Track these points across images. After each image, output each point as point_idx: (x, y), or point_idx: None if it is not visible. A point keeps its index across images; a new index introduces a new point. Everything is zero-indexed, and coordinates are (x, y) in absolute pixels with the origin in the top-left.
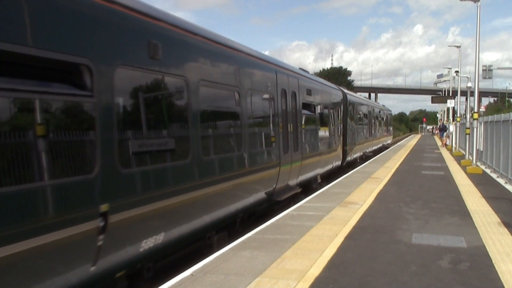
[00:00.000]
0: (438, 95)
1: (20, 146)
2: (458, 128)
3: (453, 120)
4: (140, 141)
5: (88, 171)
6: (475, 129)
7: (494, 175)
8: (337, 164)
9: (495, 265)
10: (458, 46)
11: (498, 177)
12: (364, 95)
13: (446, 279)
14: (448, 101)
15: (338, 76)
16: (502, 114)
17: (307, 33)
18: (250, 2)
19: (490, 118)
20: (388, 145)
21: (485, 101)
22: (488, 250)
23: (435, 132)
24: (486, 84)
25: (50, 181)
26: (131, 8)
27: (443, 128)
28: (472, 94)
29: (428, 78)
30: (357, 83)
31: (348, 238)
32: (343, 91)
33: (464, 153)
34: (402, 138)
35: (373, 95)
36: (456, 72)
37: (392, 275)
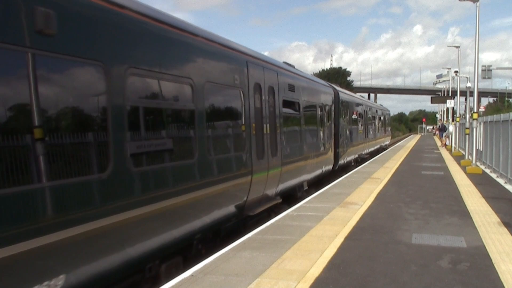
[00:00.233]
0: (438, 96)
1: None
2: (457, 128)
3: (453, 120)
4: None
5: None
6: (474, 129)
7: (493, 175)
8: (328, 169)
9: (495, 265)
10: (458, 47)
11: (497, 177)
12: (364, 95)
13: (446, 279)
14: (447, 101)
15: (338, 76)
16: (502, 114)
17: (307, 33)
18: (249, 2)
19: (489, 118)
20: (386, 146)
21: (485, 101)
22: (488, 250)
23: (436, 133)
24: (486, 84)
25: None
26: None
27: (443, 128)
28: (471, 94)
29: (427, 78)
30: (356, 83)
31: (348, 238)
32: (334, 89)
33: (464, 153)
34: (401, 138)
35: (372, 95)
36: (456, 72)
37: (392, 275)
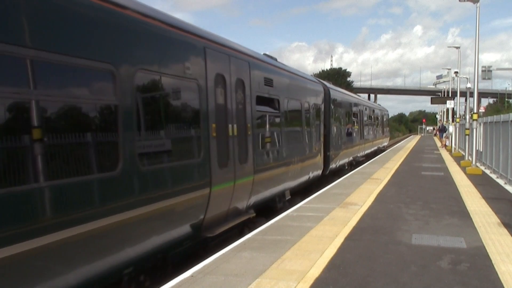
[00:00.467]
0: (438, 96)
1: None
2: (457, 129)
3: (453, 121)
4: None
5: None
6: (474, 129)
7: (493, 176)
8: (316, 174)
9: (495, 266)
10: (458, 47)
11: (497, 177)
12: (364, 96)
13: (446, 280)
14: (447, 102)
15: (338, 77)
16: (502, 115)
17: (307, 34)
18: (249, 3)
19: (489, 118)
20: (385, 148)
21: (485, 102)
22: (488, 251)
23: (436, 133)
24: (486, 85)
25: None
26: None
27: (443, 129)
28: (471, 94)
29: (427, 79)
30: (356, 84)
31: (348, 239)
32: (324, 86)
33: (464, 153)
34: (401, 139)
35: (372, 96)
36: (456, 73)
37: (392, 275)
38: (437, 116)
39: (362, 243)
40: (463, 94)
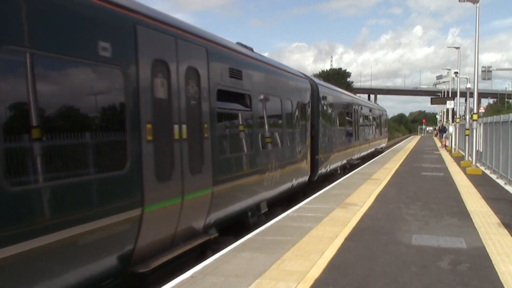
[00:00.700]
0: (438, 97)
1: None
2: (457, 129)
3: (453, 121)
4: None
5: None
6: (474, 130)
7: (493, 176)
8: (301, 181)
9: (495, 266)
10: (457, 47)
11: (497, 178)
12: (364, 96)
13: (446, 280)
14: (447, 102)
15: (338, 77)
16: (502, 115)
17: (307, 34)
18: (249, 3)
19: (489, 119)
20: (383, 149)
21: (485, 102)
22: (488, 251)
23: (436, 134)
24: (486, 85)
25: None
26: None
27: (443, 129)
28: (471, 95)
29: (427, 79)
30: (356, 84)
31: (348, 239)
32: (312, 81)
33: (464, 154)
34: (401, 139)
35: (372, 96)
36: (456, 73)
37: (392, 276)
38: (437, 117)
39: (362, 243)
40: (463, 94)
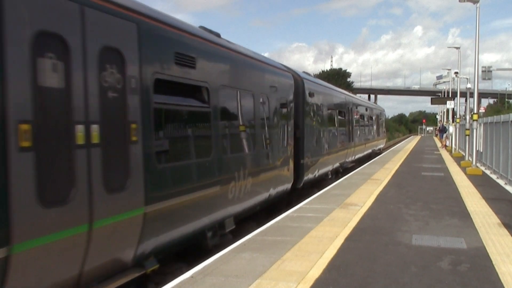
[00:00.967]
0: (438, 97)
1: None
2: (457, 129)
3: (453, 121)
4: None
5: None
6: (474, 130)
7: (494, 176)
8: (281, 190)
9: (495, 266)
10: (458, 48)
11: (498, 178)
12: (364, 96)
13: (446, 280)
14: (447, 102)
15: (338, 77)
16: (502, 115)
17: (307, 34)
18: (250, 4)
19: (489, 119)
20: (380, 151)
21: (485, 102)
22: (488, 251)
23: (436, 134)
24: (486, 85)
25: None
26: None
27: (443, 129)
28: (471, 95)
29: (427, 79)
30: (356, 84)
31: (348, 239)
32: (297, 75)
33: (464, 154)
34: (401, 139)
35: (372, 96)
36: (456, 73)
37: (392, 276)
38: (437, 117)
39: (362, 244)
40: (463, 94)
